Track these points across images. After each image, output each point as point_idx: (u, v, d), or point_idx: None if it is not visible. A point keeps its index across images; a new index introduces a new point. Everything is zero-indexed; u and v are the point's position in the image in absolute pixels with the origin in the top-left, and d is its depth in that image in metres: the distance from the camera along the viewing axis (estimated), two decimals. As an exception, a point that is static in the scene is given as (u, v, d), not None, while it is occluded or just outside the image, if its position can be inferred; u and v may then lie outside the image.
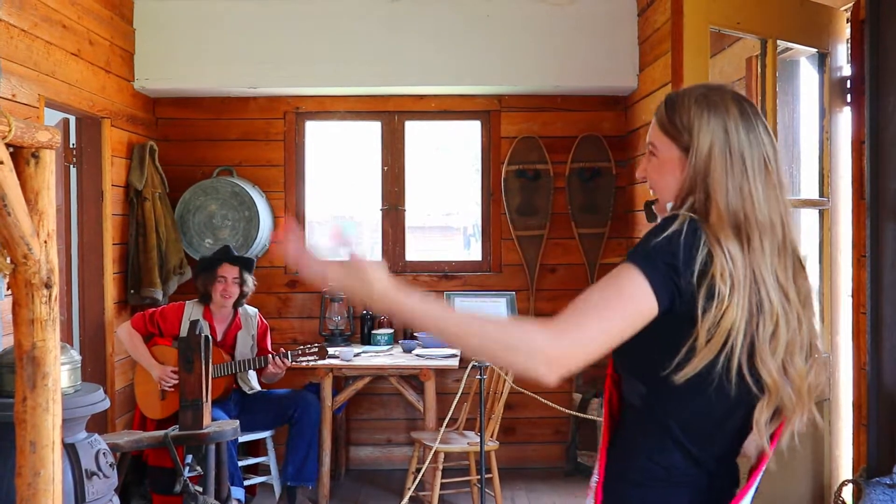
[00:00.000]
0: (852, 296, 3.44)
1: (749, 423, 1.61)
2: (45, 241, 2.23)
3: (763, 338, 1.54)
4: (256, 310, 5.48)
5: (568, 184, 6.17)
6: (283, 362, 5.16)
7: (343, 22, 5.82)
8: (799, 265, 1.64)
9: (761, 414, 1.57)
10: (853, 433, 3.45)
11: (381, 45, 5.81)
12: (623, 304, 1.50)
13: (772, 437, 1.63)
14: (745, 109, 1.64)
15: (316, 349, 5.22)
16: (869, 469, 3.16)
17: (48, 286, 2.23)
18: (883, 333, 3.15)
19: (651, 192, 1.76)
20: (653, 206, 1.79)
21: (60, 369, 2.32)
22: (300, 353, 5.21)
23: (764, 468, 1.63)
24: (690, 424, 1.60)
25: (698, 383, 1.54)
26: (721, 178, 1.59)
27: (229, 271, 5.21)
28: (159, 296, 5.56)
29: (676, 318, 1.53)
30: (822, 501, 3.51)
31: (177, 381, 4.97)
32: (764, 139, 1.62)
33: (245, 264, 5.31)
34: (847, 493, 3.18)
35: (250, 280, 5.32)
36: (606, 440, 1.71)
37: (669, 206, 1.68)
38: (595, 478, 1.70)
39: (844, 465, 3.58)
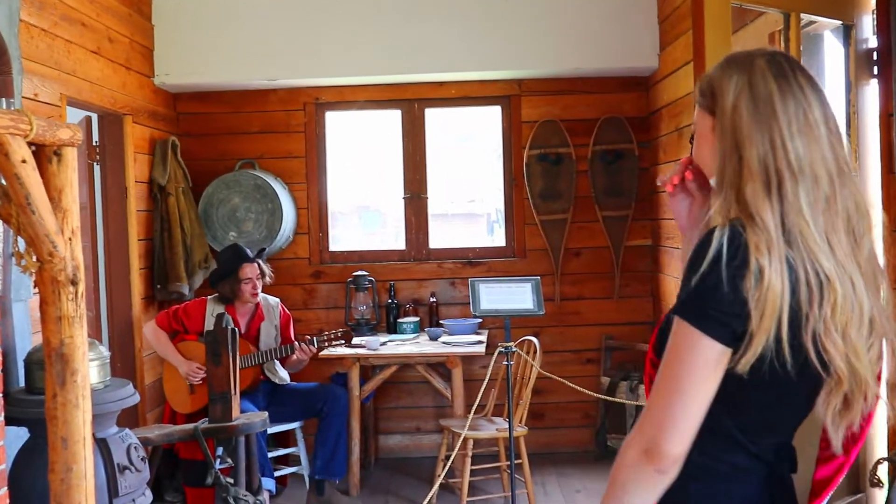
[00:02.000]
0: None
1: (808, 406, 1.53)
2: (70, 239, 2.24)
3: (819, 308, 1.42)
4: (278, 300, 5.50)
5: (590, 167, 6.13)
6: (308, 349, 5.19)
7: (360, 11, 5.80)
8: (860, 230, 1.50)
9: (829, 404, 1.48)
10: (888, 411, 3.40)
11: (399, 32, 5.79)
12: (696, 376, 1.44)
13: (855, 440, 1.54)
14: (778, 61, 1.52)
15: (341, 333, 5.24)
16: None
17: (74, 283, 2.24)
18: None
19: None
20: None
21: (89, 365, 2.34)
22: (326, 339, 5.23)
23: (843, 475, 1.55)
24: (749, 419, 1.51)
25: (753, 373, 1.45)
26: (749, 130, 1.48)
27: (251, 271, 5.23)
28: (185, 290, 5.59)
29: None
30: (858, 479, 3.48)
31: (204, 376, 5.00)
32: (806, 92, 1.49)
33: (258, 256, 5.34)
34: (882, 471, 3.14)
35: (268, 270, 5.36)
36: None
37: (713, 181, 1.58)
38: None
39: (879, 443, 3.54)
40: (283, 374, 5.38)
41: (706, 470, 1.52)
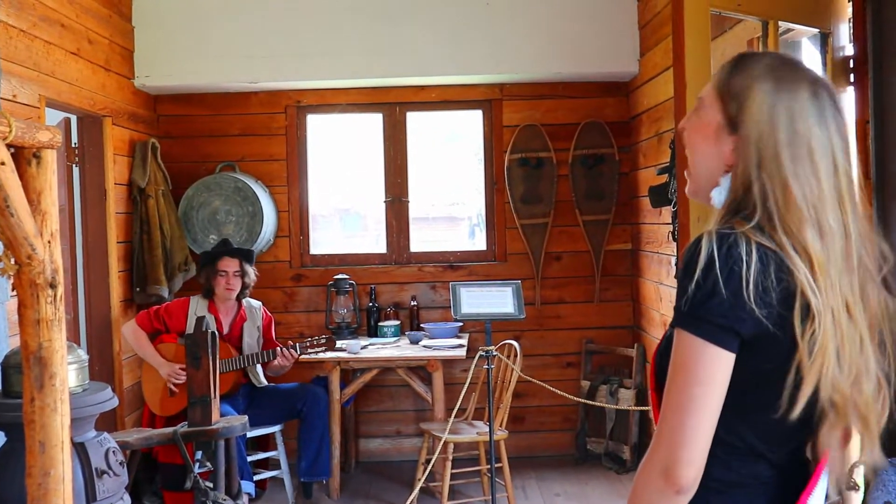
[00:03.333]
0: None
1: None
2: (49, 241, 2.23)
3: (840, 348, 1.42)
4: (260, 302, 5.49)
5: (571, 171, 6.15)
6: (291, 354, 5.17)
7: (341, 14, 5.80)
8: (870, 282, 1.48)
9: (830, 437, 1.47)
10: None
11: (381, 36, 5.79)
12: (704, 388, 1.40)
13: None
14: (821, 99, 1.47)
15: (324, 340, 5.23)
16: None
17: (53, 286, 2.23)
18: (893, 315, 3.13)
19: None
20: (669, 190, 1.69)
21: (68, 369, 2.32)
22: (308, 344, 5.22)
23: (819, 480, 1.54)
24: (770, 434, 1.50)
25: (768, 383, 1.45)
26: (791, 167, 1.43)
27: (230, 265, 5.22)
28: (165, 293, 5.56)
29: (761, 348, 1.42)
30: (835, 483, 3.50)
31: (185, 380, 4.97)
32: (834, 140, 1.47)
33: (245, 256, 5.31)
34: (859, 474, 3.17)
35: (251, 271, 5.33)
36: None
37: (719, 192, 1.52)
38: None
39: (855, 446, 3.57)
40: (262, 377, 5.36)
41: (728, 483, 1.50)
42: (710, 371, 1.40)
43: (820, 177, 1.44)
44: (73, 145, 5.21)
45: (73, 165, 5.23)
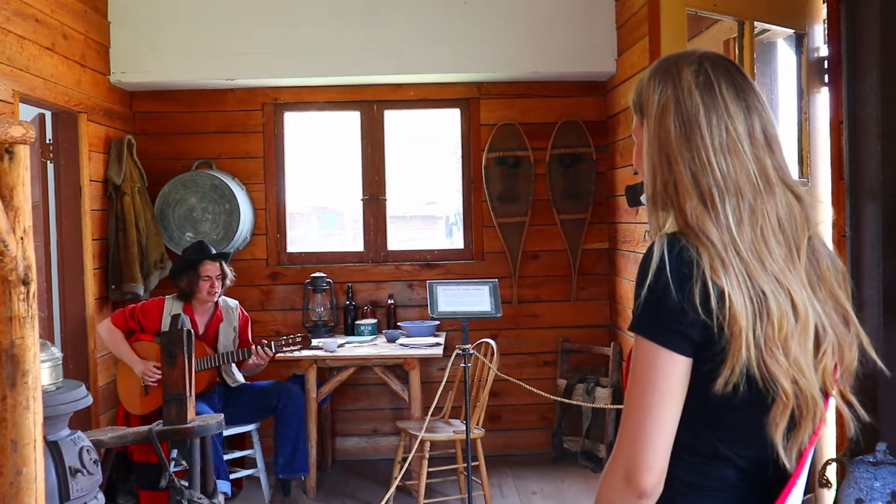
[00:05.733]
0: (833, 276, 3.44)
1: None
2: (22, 238, 2.21)
3: (764, 328, 1.39)
4: (237, 302, 5.46)
5: (548, 170, 6.17)
6: (266, 353, 5.15)
7: (320, 11, 5.78)
8: (796, 237, 1.45)
9: (776, 425, 1.43)
10: (836, 412, 3.46)
11: (359, 33, 5.78)
12: (660, 392, 1.40)
13: (801, 453, 1.49)
14: (705, 69, 1.49)
15: (300, 339, 5.22)
16: (852, 448, 3.18)
17: (26, 283, 2.21)
18: (865, 313, 3.17)
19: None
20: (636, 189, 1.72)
21: (41, 367, 2.31)
22: (283, 343, 5.20)
23: (794, 487, 1.51)
24: (734, 436, 1.48)
25: (728, 395, 1.41)
26: (678, 146, 1.46)
27: (212, 269, 5.18)
28: (140, 291, 5.52)
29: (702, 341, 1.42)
30: (808, 480, 3.53)
31: (160, 377, 4.94)
32: (730, 106, 1.47)
33: (225, 258, 5.29)
34: (831, 472, 3.20)
35: (230, 273, 5.31)
36: None
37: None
38: None
39: (828, 444, 3.61)
40: (238, 377, 5.34)
41: (694, 486, 1.49)
42: (666, 375, 1.40)
43: (710, 148, 1.45)
44: (47, 141, 5.16)
45: (48, 162, 5.18)
